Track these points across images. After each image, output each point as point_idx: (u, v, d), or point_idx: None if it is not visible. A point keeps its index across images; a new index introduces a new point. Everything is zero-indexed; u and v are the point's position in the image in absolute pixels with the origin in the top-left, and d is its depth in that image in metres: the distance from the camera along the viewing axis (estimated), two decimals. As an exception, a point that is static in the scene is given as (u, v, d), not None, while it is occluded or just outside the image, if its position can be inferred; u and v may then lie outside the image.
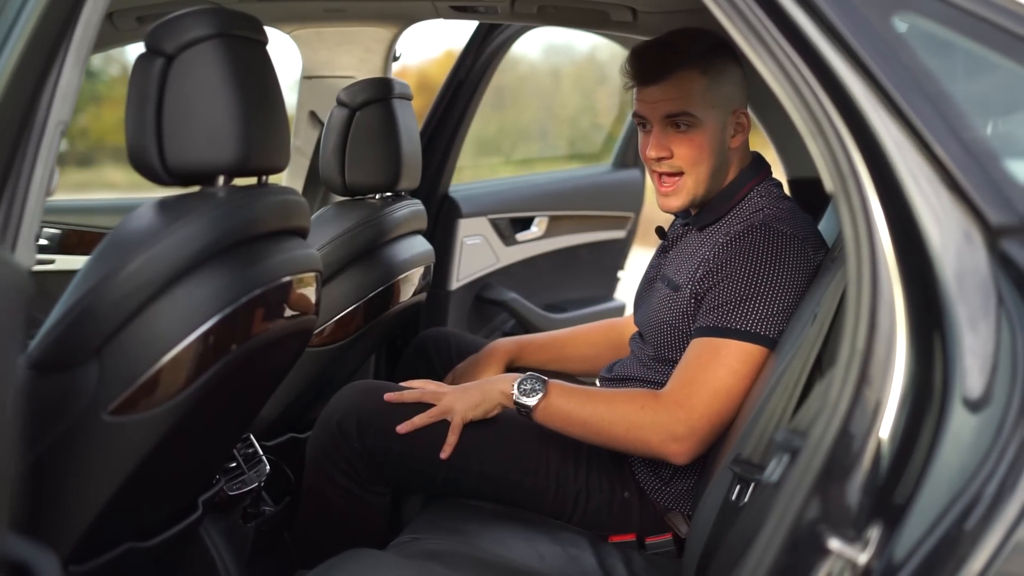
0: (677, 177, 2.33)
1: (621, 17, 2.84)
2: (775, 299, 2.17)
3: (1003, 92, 1.40)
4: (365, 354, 3.00)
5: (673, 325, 2.34)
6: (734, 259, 2.21)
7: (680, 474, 2.35)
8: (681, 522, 2.37)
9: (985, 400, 1.20)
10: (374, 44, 3.25)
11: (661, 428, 2.17)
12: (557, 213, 4.21)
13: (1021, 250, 1.21)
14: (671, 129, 2.31)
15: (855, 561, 1.22)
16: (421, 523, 2.28)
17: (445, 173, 3.75)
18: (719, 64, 2.32)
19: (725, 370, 2.16)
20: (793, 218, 2.30)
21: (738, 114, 2.35)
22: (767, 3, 1.33)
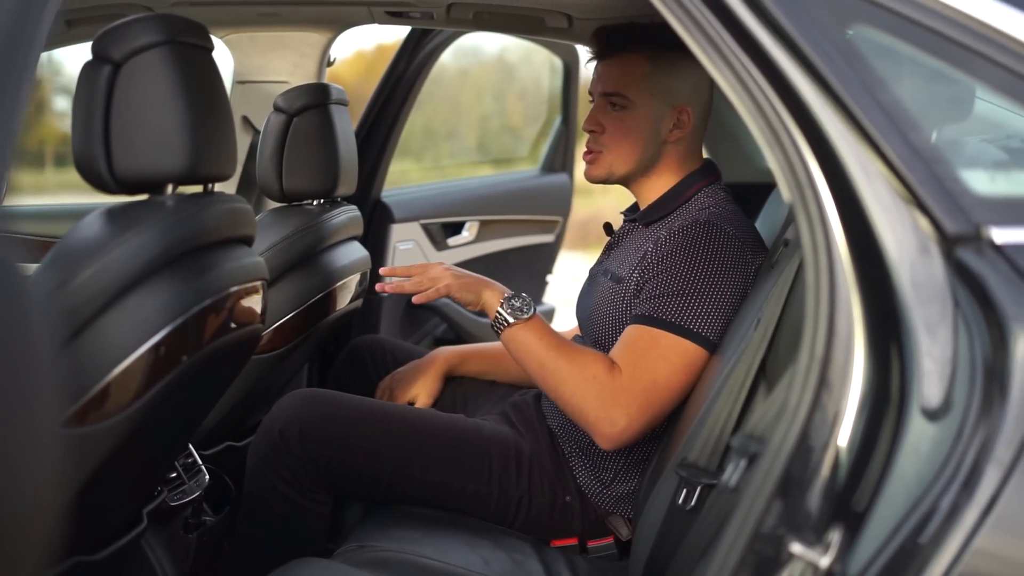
0: (599, 152, 2.40)
1: (557, 23, 2.85)
2: (711, 298, 2.19)
3: (953, 102, 1.43)
4: (302, 362, 2.99)
5: (613, 316, 2.36)
6: (676, 252, 2.23)
7: (620, 478, 2.36)
8: (622, 525, 2.39)
9: (943, 406, 1.22)
10: (308, 49, 3.23)
11: (603, 406, 2.17)
12: (488, 218, 4.22)
13: (976, 259, 1.23)
14: (607, 107, 2.38)
15: (817, 564, 1.23)
16: (365, 531, 2.27)
17: (377, 178, 3.75)
18: (672, 57, 2.34)
19: (665, 363, 2.18)
20: (736, 220, 2.32)
21: (681, 110, 2.37)
22: (725, 17, 1.35)
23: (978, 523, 1.17)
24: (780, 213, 2.65)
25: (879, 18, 1.33)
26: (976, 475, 1.17)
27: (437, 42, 3.71)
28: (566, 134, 4.59)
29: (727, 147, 3.59)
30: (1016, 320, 1.19)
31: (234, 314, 1.86)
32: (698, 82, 2.39)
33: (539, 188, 4.53)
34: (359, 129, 3.67)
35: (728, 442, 1.89)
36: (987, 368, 1.20)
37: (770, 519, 1.27)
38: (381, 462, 2.32)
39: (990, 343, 1.20)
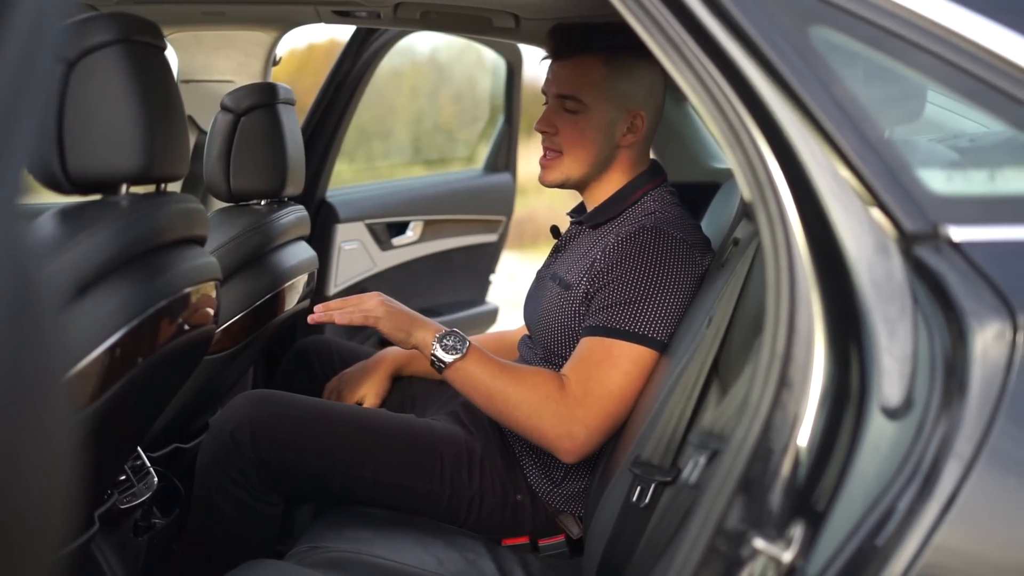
0: (555, 154, 2.39)
1: (504, 23, 2.86)
2: (664, 302, 2.20)
3: (907, 102, 1.45)
4: (250, 363, 2.97)
5: (563, 323, 2.36)
6: (624, 260, 2.24)
7: (571, 476, 2.37)
8: (572, 524, 2.39)
9: (903, 404, 1.23)
10: (254, 48, 3.21)
11: (561, 424, 2.19)
12: (432, 217, 4.22)
13: (935, 256, 1.25)
14: (561, 109, 2.37)
15: (779, 559, 1.24)
16: (317, 531, 2.26)
17: (322, 178, 3.74)
18: (628, 61, 2.35)
19: (618, 372, 2.19)
20: (683, 223, 2.34)
21: (635, 114, 2.37)
22: (685, 17, 1.35)
23: (938, 519, 1.19)
24: (727, 212, 2.68)
25: (837, 19, 1.34)
26: (936, 471, 1.19)
27: (382, 42, 3.71)
28: (509, 134, 4.59)
29: (673, 147, 3.62)
30: (974, 316, 1.20)
31: (188, 315, 1.85)
32: (652, 86, 2.40)
33: (483, 188, 4.53)
34: (303, 129, 3.66)
35: (682, 440, 1.91)
36: (947, 364, 1.21)
37: (732, 515, 1.28)
38: (333, 463, 2.31)
39: (949, 340, 1.22)
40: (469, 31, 3.28)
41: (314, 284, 3.07)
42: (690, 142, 3.70)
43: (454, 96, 10.43)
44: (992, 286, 1.21)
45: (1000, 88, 1.32)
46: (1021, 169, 1.36)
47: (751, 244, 2.02)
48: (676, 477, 1.86)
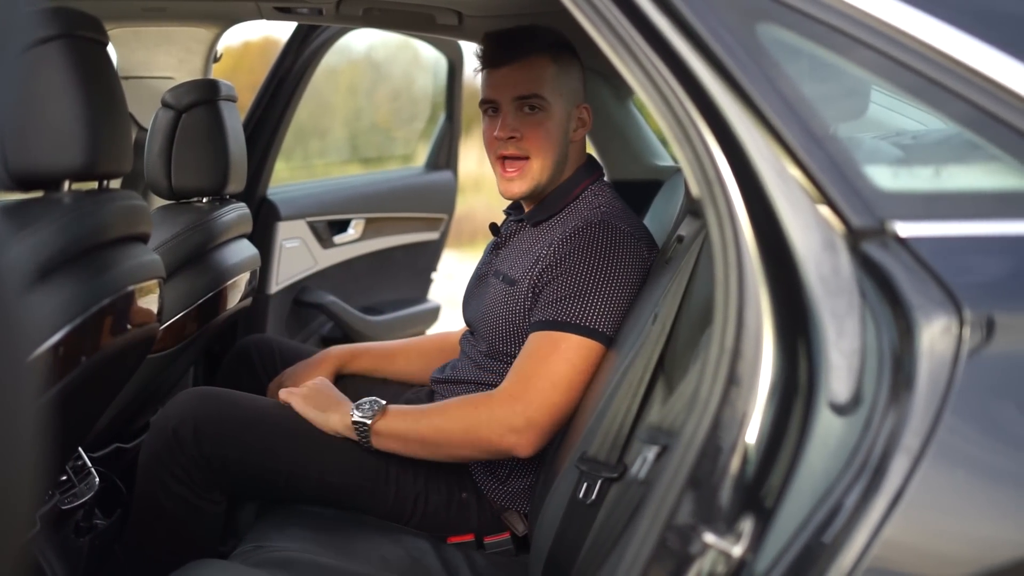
0: (523, 161, 2.35)
1: (447, 20, 2.86)
2: (612, 295, 2.21)
3: (854, 100, 1.46)
4: (191, 362, 2.95)
5: (508, 320, 2.36)
6: (573, 254, 2.24)
7: (516, 473, 2.37)
8: (518, 521, 2.39)
9: (851, 399, 1.24)
10: (194, 44, 3.19)
11: (498, 423, 2.19)
12: (374, 215, 4.21)
13: (882, 252, 1.26)
14: (521, 112, 2.34)
15: (729, 553, 1.25)
16: (262, 531, 2.24)
17: (263, 175, 3.71)
18: (566, 58, 2.38)
19: (563, 363, 2.19)
20: (629, 218, 2.35)
21: (580, 109, 2.40)
22: (635, 15, 1.36)
23: (887, 513, 1.20)
24: (670, 209, 2.69)
25: (784, 16, 1.35)
26: (884, 466, 1.20)
27: (323, 38, 3.69)
28: (450, 131, 4.58)
29: (617, 145, 3.62)
30: (920, 311, 1.22)
31: (131, 313, 1.83)
32: (583, 79, 2.43)
33: (424, 186, 4.52)
34: (244, 126, 3.63)
35: (628, 436, 1.91)
36: (894, 359, 1.22)
37: (682, 511, 1.29)
38: (277, 462, 2.30)
39: (896, 334, 1.23)
40: (412, 28, 3.27)
41: (256, 282, 3.05)
42: (633, 140, 3.71)
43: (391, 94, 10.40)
44: (938, 281, 1.23)
45: (942, 84, 1.33)
46: (965, 165, 1.37)
47: (696, 241, 2.03)
48: (623, 473, 1.86)
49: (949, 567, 1.21)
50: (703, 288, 1.89)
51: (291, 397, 2.35)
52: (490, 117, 2.40)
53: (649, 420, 1.85)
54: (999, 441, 1.21)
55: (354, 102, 11.12)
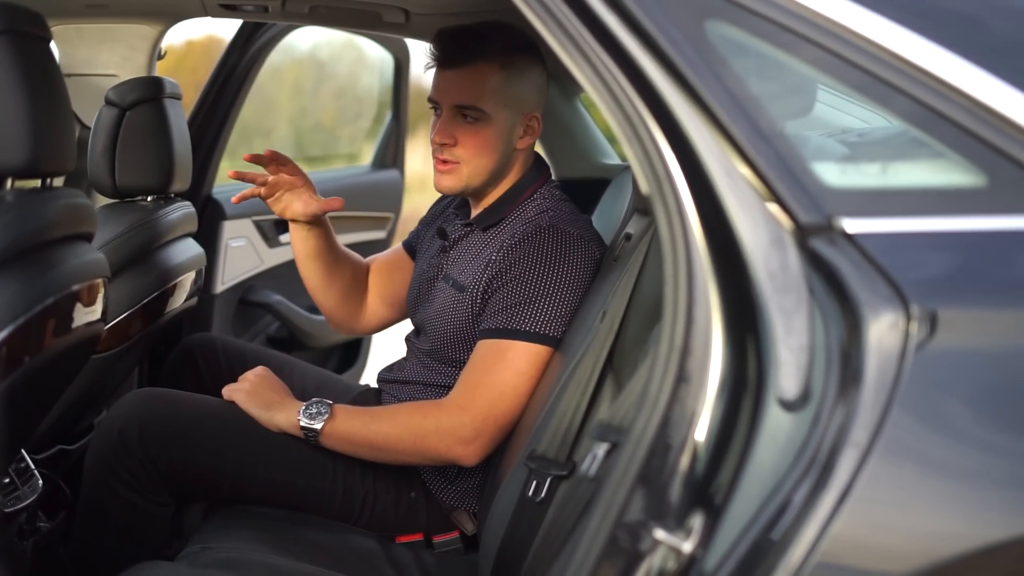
0: (455, 164, 2.33)
1: (393, 18, 2.85)
2: (562, 300, 2.21)
3: (801, 98, 1.47)
4: (136, 362, 2.92)
5: (458, 327, 2.35)
6: (522, 260, 2.23)
7: (465, 473, 2.37)
8: (467, 520, 2.39)
9: (800, 395, 1.25)
10: (138, 42, 3.16)
11: (446, 434, 2.19)
12: (319, 214, 4.18)
13: (830, 248, 1.27)
14: (459, 118, 2.30)
15: (679, 549, 1.25)
16: (209, 532, 2.22)
17: (208, 174, 3.69)
18: (521, 64, 2.32)
19: (511, 371, 2.19)
20: (576, 219, 2.34)
21: (530, 117, 2.36)
22: (584, 12, 1.36)
23: (835, 508, 1.20)
24: (618, 207, 2.70)
25: (732, 14, 1.36)
26: (833, 461, 1.21)
27: (269, 36, 3.66)
28: (397, 130, 4.57)
29: (564, 143, 3.63)
30: (868, 307, 1.22)
31: (76, 312, 1.81)
32: (541, 86, 2.39)
33: (371, 184, 4.51)
34: (189, 124, 3.60)
35: (577, 433, 1.92)
36: (842, 354, 1.23)
37: (633, 507, 1.29)
38: (224, 461, 2.28)
39: (844, 330, 1.24)
40: (358, 26, 3.26)
41: (202, 282, 3.03)
42: (580, 138, 3.72)
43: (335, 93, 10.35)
44: (885, 277, 1.24)
45: (888, 81, 1.34)
46: (911, 162, 1.38)
47: (644, 239, 2.03)
48: (572, 471, 1.86)
49: (897, 561, 1.22)
50: (651, 285, 1.90)
51: (235, 394, 2.33)
52: (435, 115, 2.37)
53: (598, 417, 1.85)
54: (945, 436, 1.22)
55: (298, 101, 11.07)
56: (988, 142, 1.31)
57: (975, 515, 1.23)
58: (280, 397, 2.33)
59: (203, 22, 3.16)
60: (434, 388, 2.41)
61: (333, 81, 10.35)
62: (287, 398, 2.33)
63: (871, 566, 1.23)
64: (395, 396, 2.49)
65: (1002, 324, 1.26)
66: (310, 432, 2.24)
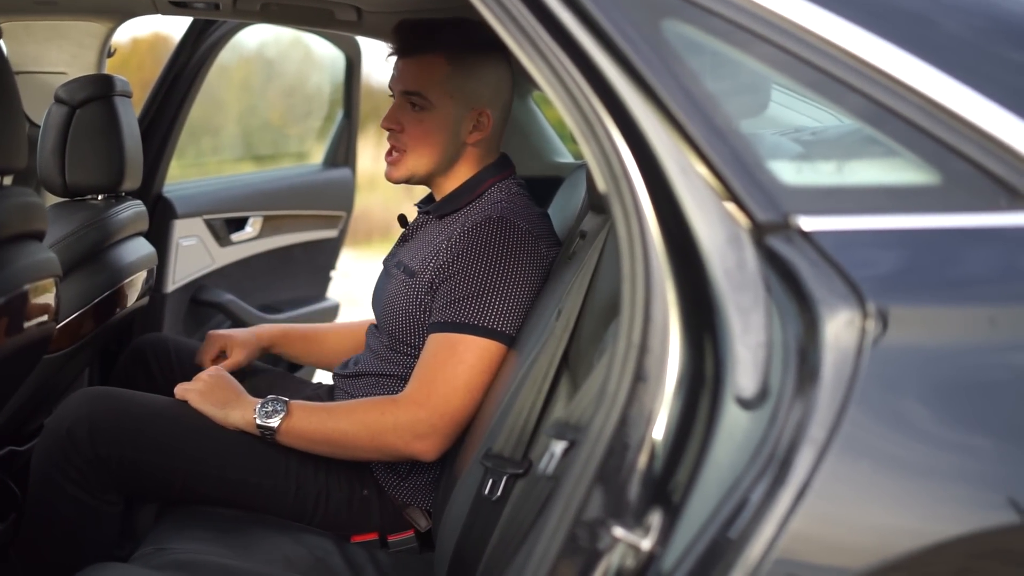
0: (401, 152, 2.38)
1: (346, 16, 2.84)
2: (509, 294, 2.21)
3: (756, 96, 1.48)
4: (87, 362, 2.89)
5: (408, 311, 2.36)
6: (469, 251, 2.24)
7: (417, 469, 2.36)
8: (420, 517, 2.39)
9: (757, 392, 1.25)
10: (87, 39, 3.13)
11: (403, 430, 2.18)
12: (271, 213, 4.17)
13: (786, 246, 1.27)
14: (406, 106, 2.36)
15: (638, 546, 1.26)
16: (162, 532, 2.20)
17: (159, 172, 3.66)
18: (473, 59, 2.35)
19: (463, 366, 2.19)
20: (529, 213, 2.35)
21: (481, 112, 2.37)
22: (539, 11, 1.36)
23: (793, 505, 1.21)
24: (572, 205, 2.70)
25: (688, 13, 1.36)
26: (791, 458, 1.21)
27: (220, 34, 3.64)
28: (349, 128, 4.56)
29: (516, 142, 3.62)
30: (825, 304, 1.23)
31: (27, 312, 1.79)
32: (498, 84, 2.41)
33: (322, 183, 4.49)
34: (139, 122, 3.57)
35: (533, 432, 1.92)
36: (799, 352, 1.24)
37: (591, 505, 1.29)
38: (175, 460, 2.26)
39: (802, 327, 1.24)
40: (311, 24, 3.25)
41: (153, 281, 3.01)
42: (533, 136, 3.72)
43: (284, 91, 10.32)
44: (842, 274, 1.24)
45: (841, 79, 1.35)
46: (866, 160, 1.39)
47: (599, 237, 2.04)
48: (529, 469, 1.87)
49: (854, 557, 1.23)
50: (607, 283, 1.90)
51: (187, 394, 2.32)
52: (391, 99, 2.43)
53: (555, 415, 1.86)
54: (901, 432, 1.23)
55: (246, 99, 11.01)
56: (941, 140, 1.32)
57: (930, 511, 1.24)
58: (235, 395, 2.32)
59: (150, 19, 3.15)
60: (387, 379, 2.41)
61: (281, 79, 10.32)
62: (242, 396, 2.32)
63: (829, 562, 1.23)
64: (348, 392, 2.48)
65: (956, 321, 1.27)
66: (266, 430, 2.24)
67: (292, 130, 9.31)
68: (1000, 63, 1.40)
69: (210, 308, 3.92)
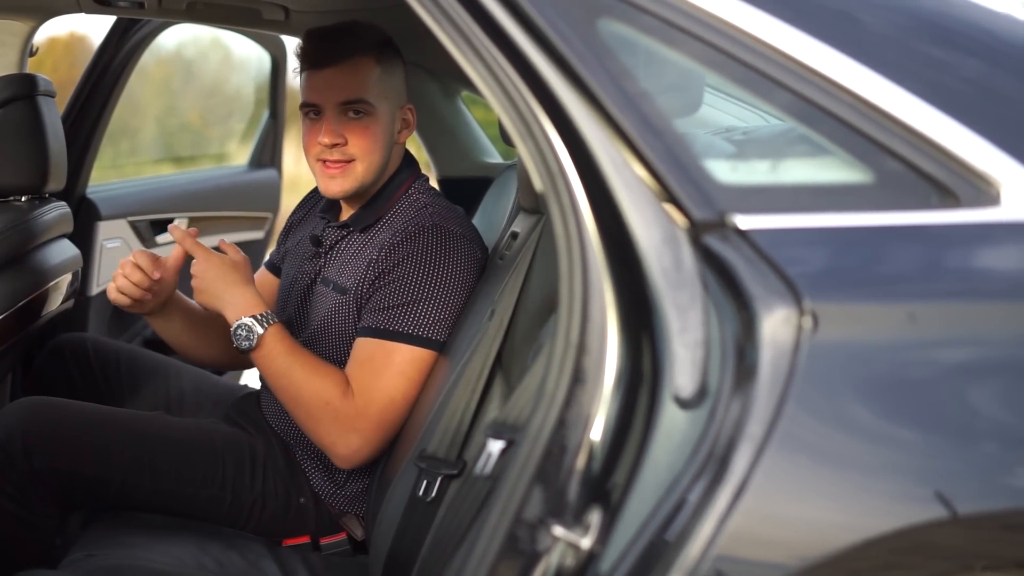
0: (347, 163, 2.29)
1: (273, 16, 2.83)
2: (444, 302, 2.20)
3: (690, 95, 1.49)
4: (10, 367, 2.84)
5: (341, 330, 2.33)
6: (405, 260, 2.21)
7: (354, 477, 2.35)
8: (356, 526, 2.37)
9: (696, 391, 1.26)
10: (8, 38, 3.07)
11: (337, 432, 2.17)
12: (197, 214, 4.12)
13: (723, 245, 1.28)
14: (345, 116, 2.28)
15: (578, 545, 1.26)
16: (92, 538, 2.17)
17: (83, 174, 3.60)
18: (389, 57, 2.33)
19: (401, 378, 2.18)
20: (458, 217, 2.34)
21: (405, 110, 2.37)
22: (475, 10, 1.36)
23: (732, 502, 1.22)
24: (501, 206, 2.70)
25: (623, 12, 1.37)
26: (729, 456, 1.22)
27: (145, 32, 3.59)
28: (275, 129, 4.52)
29: (445, 142, 3.63)
30: (761, 302, 1.24)
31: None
32: (405, 79, 2.40)
33: (248, 184, 4.45)
34: (62, 122, 3.51)
35: (467, 432, 1.92)
36: (737, 350, 1.24)
37: (531, 504, 1.29)
38: (111, 471, 2.23)
39: (738, 325, 1.25)
40: (238, 23, 3.22)
41: (78, 284, 2.96)
42: (462, 137, 3.72)
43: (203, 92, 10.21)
44: (778, 272, 1.25)
45: (773, 78, 1.36)
46: (800, 159, 1.40)
47: (531, 237, 2.04)
48: (463, 470, 1.87)
49: (793, 554, 1.24)
50: (540, 284, 1.91)
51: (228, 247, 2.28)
52: (311, 120, 2.31)
53: (491, 415, 1.86)
54: (838, 428, 1.24)
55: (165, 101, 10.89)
56: (874, 139, 1.34)
57: (863, 506, 1.25)
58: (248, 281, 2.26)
59: (67, 19, 3.10)
60: None
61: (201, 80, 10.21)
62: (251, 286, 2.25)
63: (768, 559, 1.24)
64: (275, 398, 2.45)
65: (890, 317, 1.28)
66: (251, 333, 2.18)
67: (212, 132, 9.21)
68: (925, 60, 1.42)
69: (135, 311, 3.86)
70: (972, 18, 1.50)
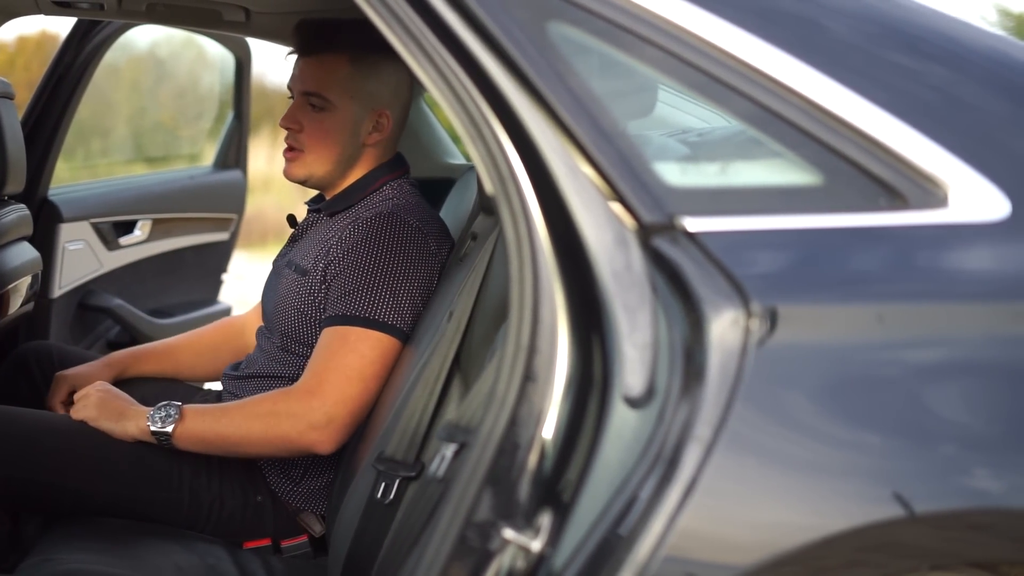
0: (300, 151, 2.37)
1: (234, 17, 2.82)
2: (398, 289, 2.21)
3: (642, 98, 1.49)
4: (-32, 371, 2.82)
5: (300, 310, 2.34)
6: (359, 246, 2.24)
7: (311, 473, 2.35)
8: (315, 522, 2.37)
9: (645, 392, 1.27)
10: (-34, 40, 3.06)
11: (298, 420, 2.16)
12: (161, 216, 4.10)
13: (672, 247, 1.29)
14: (306, 106, 2.35)
15: (528, 548, 1.26)
16: (49, 543, 2.15)
17: (44, 175, 3.58)
18: (373, 60, 2.35)
19: (354, 355, 2.18)
20: (420, 211, 2.36)
21: (380, 113, 2.38)
22: (427, 13, 1.36)
23: (681, 502, 1.22)
24: (463, 207, 2.70)
25: (573, 15, 1.37)
26: (678, 457, 1.23)
27: (106, 34, 3.58)
28: (239, 130, 4.51)
29: (408, 143, 3.60)
30: (709, 304, 1.25)
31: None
32: (397, 85, 2.41)
33: (213, 185, 4.44)
34: (22, 124, 3.49)
35: (425, 434, 1.92)
36: (685, 351, 1.25)
37: (482, 507, 1.30)
38: (65, 478, 2.21)
39: (687, 327, 1.26)
40: (198, 25, 3.21)
41: (38, 286, 2.95)
42: (424, 138, 3.72)
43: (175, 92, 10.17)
44: (726, 274, 1.26)
45: (725, 82, 1.37)
46: (750, 161, 1.41)
47: (490, 238, 2.04)
48: (421, 472, 1.87)
49: (742, 553, 1.25)
50: (498, 285, 1.91)
51: (82, 412, 2.26)
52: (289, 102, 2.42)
53: (447, 418, 1.86)
54: (787, 428, 1.25)
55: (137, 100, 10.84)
56: (823, 142, 1.35)
57: (816, 506, 1.26)
58: (127, 406, 2.27)
59: (37, 18, 3.08)
60: (278, 380, 2.39)
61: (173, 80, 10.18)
62: (133, 406, 2.27)
63: (717, 559, 1.25)
64: (234, 394, 2.45)
65: (839, 319, 1.29)
66: (162, 436, 2.20)
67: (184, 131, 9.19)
68: (887, 67, 1.43)
69: (98, 313, 3.85)
70: (936, 26, 1.51)
